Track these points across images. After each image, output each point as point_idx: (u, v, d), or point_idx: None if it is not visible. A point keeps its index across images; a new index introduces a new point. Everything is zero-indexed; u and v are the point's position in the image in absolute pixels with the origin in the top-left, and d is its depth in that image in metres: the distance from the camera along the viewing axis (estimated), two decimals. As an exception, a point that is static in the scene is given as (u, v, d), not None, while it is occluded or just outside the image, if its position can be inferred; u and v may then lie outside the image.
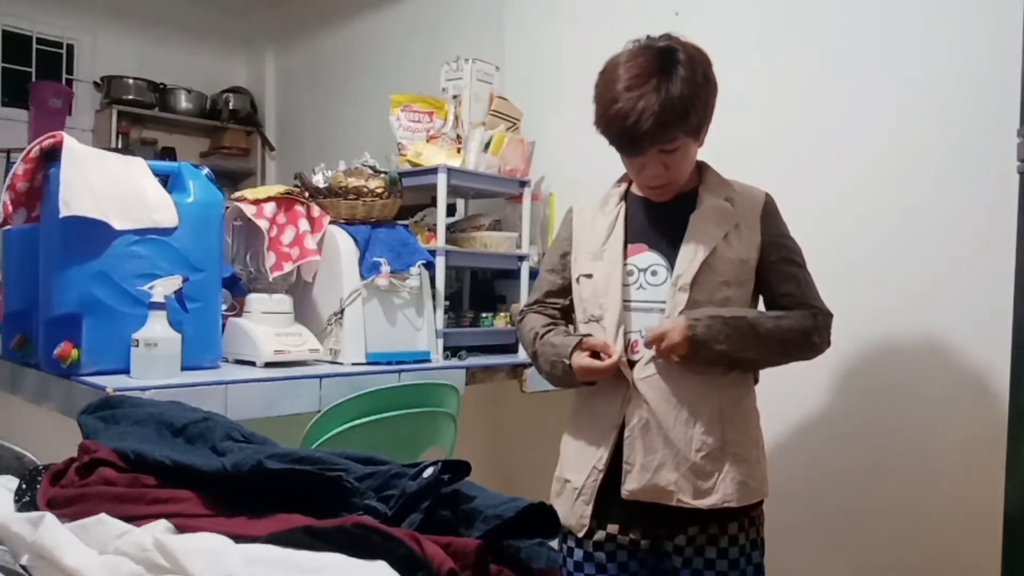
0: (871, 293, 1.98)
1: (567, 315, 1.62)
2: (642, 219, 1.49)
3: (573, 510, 1.48)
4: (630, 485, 1.42)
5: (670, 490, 1.41)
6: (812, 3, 2.12)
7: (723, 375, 1.44)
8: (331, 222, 2.07)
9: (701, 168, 1.52)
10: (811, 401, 2.09)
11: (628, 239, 1.48)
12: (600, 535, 1.48)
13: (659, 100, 1.32)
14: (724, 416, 1.43)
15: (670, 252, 1.44)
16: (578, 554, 1.50)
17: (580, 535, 1.48)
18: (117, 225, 1.65)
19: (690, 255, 1.41)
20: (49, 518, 0.84)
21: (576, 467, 1.51)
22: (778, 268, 1.46)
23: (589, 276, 1.50)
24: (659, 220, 1.47)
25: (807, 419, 2.10)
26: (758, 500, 1.49)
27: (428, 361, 2.10)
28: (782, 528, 2.13)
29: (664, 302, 1.42)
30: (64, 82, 4.00)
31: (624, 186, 1.56)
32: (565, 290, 1.60)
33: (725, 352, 1.39)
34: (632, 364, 1.44)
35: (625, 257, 1.47)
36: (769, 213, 1.48)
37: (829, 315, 1.49)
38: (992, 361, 1.73)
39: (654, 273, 1.45)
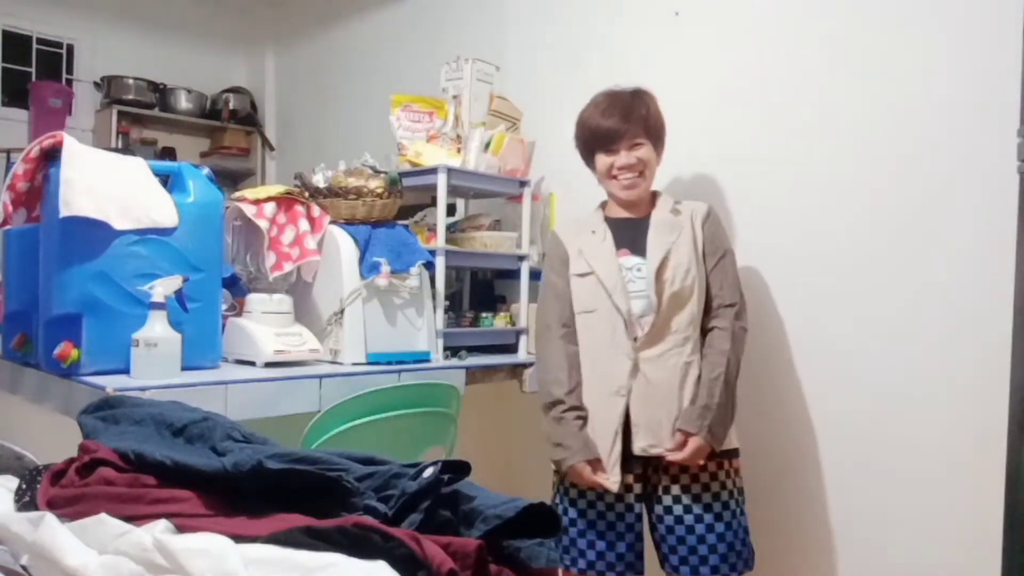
0: (871, 293, 1.98)
1: None
2: (622, 234, 1.89)
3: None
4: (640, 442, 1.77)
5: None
6: (812, 3, 2.12)
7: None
8: (331, 222, 2.07)
9: (655, 196, 1.94)
10: (811, 401, 2.09)
11: (616, 246, 1.87)
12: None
13: (630, 109, 1.86)
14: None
15: (643, 255, 1.85)
16: (590, 495, 1.83)
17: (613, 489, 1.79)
18: (117, 225, 1.65)
19: (653, 255, 1.83)
20: (49, 518, 0.85)
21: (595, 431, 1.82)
22: (710, 262, 1.87)
23: (586, 274, 1.86)
24: (632, 233, 1.88)
25: (806, 419, 2.10)
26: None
27: (428, 361, 2.10)
28: (781, 528, 2.13)
29: (644, 291, 1.81)
30: (64, 82, 4.00)
31: (602, 212, 1.96)
32: None
33: (729, 418, 1.79)
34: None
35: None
36: (707, 220, 1.89)
37: (734, 305, 1.84)
38: (992, 361, 1.73)
39: (639, 270, 1.83)
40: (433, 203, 2.27)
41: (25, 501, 0.98)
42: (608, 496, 1.80)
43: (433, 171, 2.21)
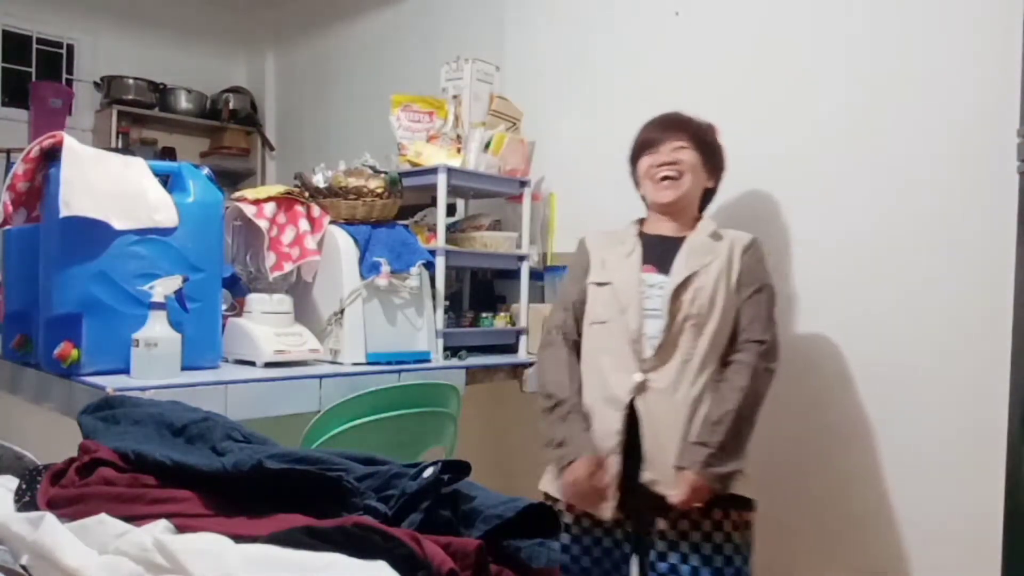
0: (871, 293, 1.98)
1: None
2: (652, 250, 1.79)
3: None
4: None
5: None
6: (812, 4, 2.12)
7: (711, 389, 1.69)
8: (331, 222, 2.07)
9: (700, 218, 1.85)
10: (811, 402, 2.09)
11: (643, 262, 1.78)
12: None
13: (677, 120, 1.83)
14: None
15: (668, 274, 1.74)
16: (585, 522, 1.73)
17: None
18: (117, 225, 1.65)
19: (676, 274, 1.72)
20: (49, 518, 0.85)
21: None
22: (744, 294, 1.74)
23: (604, 284, 1.78)
24: (665, 251, 1.77)
25: (807, 419, 2.09)
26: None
27: (428, 361, 2.10)
28: (781, 529, 2.13)
29: (660, 310, 1.69)
30: (64, 82, 4.00)
31: (638, 227, 1.86)
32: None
33: (733, 460, 1.63)
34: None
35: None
36: (748, 250, 1.77)
37: (763, 343, 1.70)
38: (992, 361, 1.73)
39: (660, 288, 1.72)
40: (433, 203, 2.27)
41: (25, 501, 0.98)
42: (597, 530, 1.72)
43: (433, 171, 2.21)
